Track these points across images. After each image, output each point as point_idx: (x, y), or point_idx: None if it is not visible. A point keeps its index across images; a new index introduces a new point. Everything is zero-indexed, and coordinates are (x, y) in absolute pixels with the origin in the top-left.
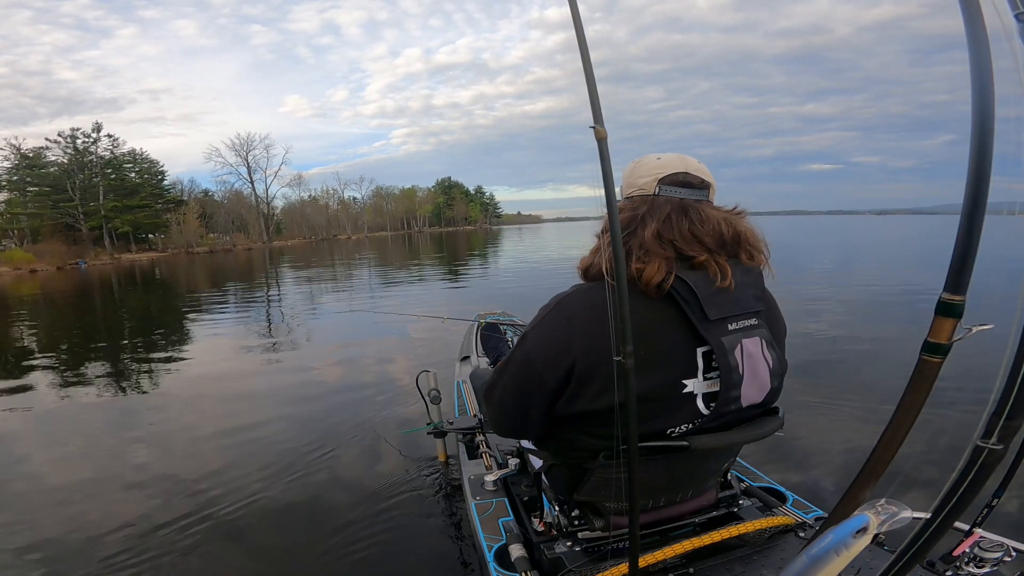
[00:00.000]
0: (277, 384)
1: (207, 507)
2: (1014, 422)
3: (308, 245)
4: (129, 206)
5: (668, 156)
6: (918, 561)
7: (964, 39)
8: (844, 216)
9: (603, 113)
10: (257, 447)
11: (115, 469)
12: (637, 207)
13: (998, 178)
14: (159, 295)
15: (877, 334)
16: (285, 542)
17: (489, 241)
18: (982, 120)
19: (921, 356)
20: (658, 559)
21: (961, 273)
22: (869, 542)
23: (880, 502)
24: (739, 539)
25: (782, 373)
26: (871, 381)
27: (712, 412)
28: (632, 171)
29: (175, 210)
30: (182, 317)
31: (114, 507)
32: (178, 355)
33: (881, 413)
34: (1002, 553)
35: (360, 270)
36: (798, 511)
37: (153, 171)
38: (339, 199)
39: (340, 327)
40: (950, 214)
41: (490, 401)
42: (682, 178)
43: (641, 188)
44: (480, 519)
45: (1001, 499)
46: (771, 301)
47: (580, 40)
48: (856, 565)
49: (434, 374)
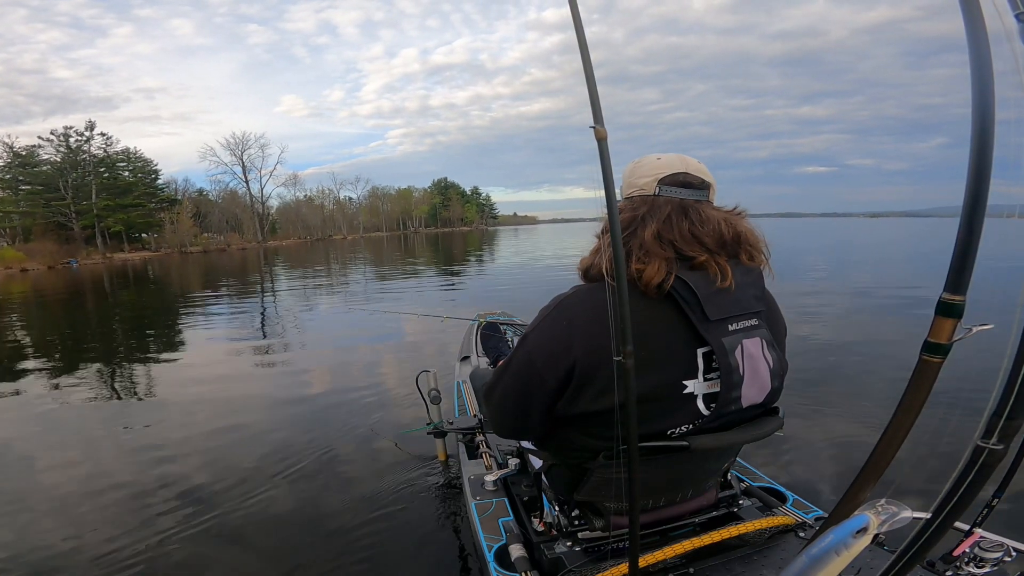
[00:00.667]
0: (275, 385)
1: (206, 510)
2: (1014, 422)
3: (303, 245)
4: (122, 205)
5: (668, 156)
6: (918, 561)
7: (962, 40)
8: (838, 219)
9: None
10: (256, 447)
11: (109, 471)
12: (637, 207)
13: (997, 179)
14: (152, 295)
15: (871, 335)
16: (285, 542)
17: (485, 242)
18: (982, 120)
19: (921, 356)
20: (658, 559)
21: (961, 273)
22: (869, 542)
23: (880, 502)
24: (739, 539)
25: (783, 374)
26: (863, 383)
27: (712, 412)
28: (632, 171)
29: (169, 209)
30: (176, 317)
31: (108, 511)
32: (175, 356)
33: (872, 414)
34: (1002, 553)
35: (356, 270)
36: (798, 511)
37: (147, 170)
38: (335, 199)
39: (337, 327)
40: (943, 216)
41: (490, 401)
42: (682, 178)
43: (641, 188)
44: (480, 519)
45: (1001, 499)
46: (771, 301)
47: (580, 40)
48: (856, 565)
49: (434, 374)
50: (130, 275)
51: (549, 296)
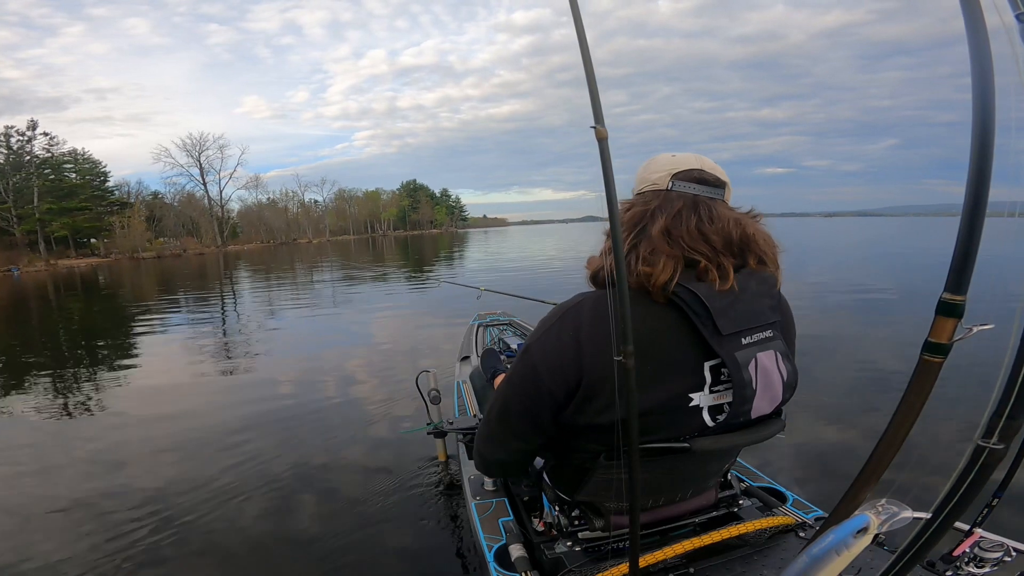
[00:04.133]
0: (273, 384)
1: (189, 512)
2: (1015, 422)
3: (266, 249)
4: (67, 208)
5: (683, 154)
6: (918, 561)
7: (910, 44)
8: (796, 218)
9: (569, 116)
10: (256, 448)
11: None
12: (648, 201)
13: (996, 180)
14: (98, 304)
15: (827, 331)
16: (285, 542)
17: (456, 244)
18: (983, 120)
19: (922, 356)
20: (658, 559)
21: (962, 273)
22: (870, 542)
23: (881, 502)
24: (739, 539)
25: (795, 385)
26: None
27: (717, 424)
28: (645, 167)
29: (120, 213)
30: (129, 329)
31: (58, 531)
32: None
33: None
34: (1002, 553)
35: (325, 273)
36: (798, 511)
37: (95, 172)
38: (299, 202)
39: (315, 333)
40: (895, 216)
41: (491, 421)
42: (697, 174)
43: (653, 183)
44: (480, 519)
45: (1001, 499)
46: (786, 309)
47: (581, 41)
48: (856, 565)
49: (434, 374)
50: (77, 283)
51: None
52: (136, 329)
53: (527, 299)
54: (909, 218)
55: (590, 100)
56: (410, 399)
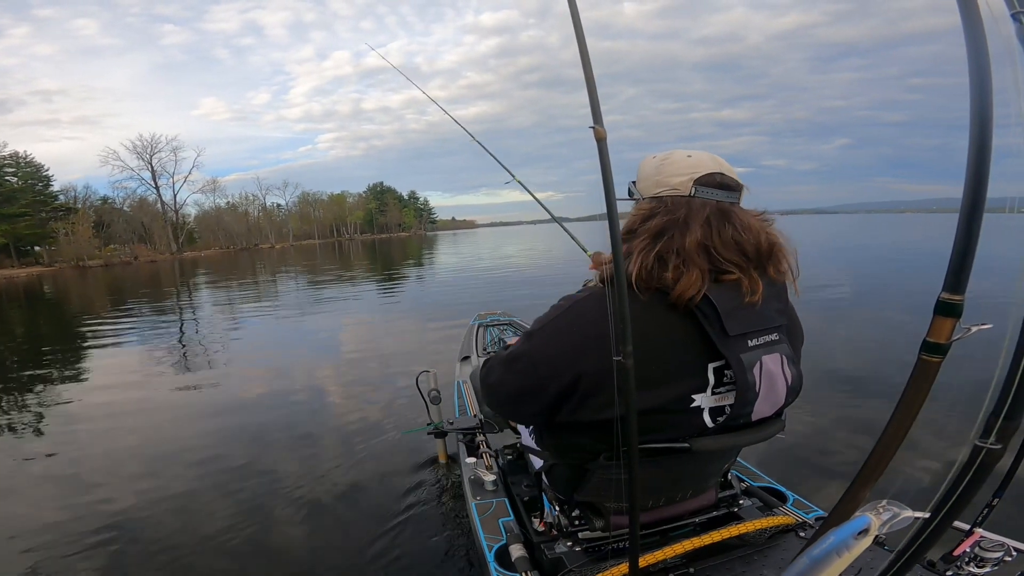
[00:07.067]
0: (270, 385)
1: (193, 519)
2: (1012, 422)
3: (226, 255)
4: (5, 215)
5: (698, 153)
6: (918, 560)
7: (862, 46)
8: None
9: (537, 118)
10: (255, 448)
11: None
12: (674, 209)
13: (995, 179)
14: (44, 316)
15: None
16: (285, 542)
17: (426, 247)
18: (981, 120)
19: (920, 356)
20: (658, 559)
21: (960, 273)
22: (870, 543)
23: (882, 503)
24: (739, 539)
25: (799, 389)
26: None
27: (718, 425)
28: (659, 168)
29: (64, 219)
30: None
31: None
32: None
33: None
34: (1002, 553)
35: (288, 278)
36: (798, 511)
37: (37, 176)
38: (261, 206)
39: (300, 338)
40: (847, 213)
41: (486, 384)
42: (719, 179)
43: (675, 188)
44: (480, 519)
45: (1001, 499)
46: (792, 313)
47: (580, 40)
48: (856, 565)
49: (434, 374)
50: (21, 295)
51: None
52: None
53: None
54: (861, 215)
55: (589, 100)
56: (403, 402)
